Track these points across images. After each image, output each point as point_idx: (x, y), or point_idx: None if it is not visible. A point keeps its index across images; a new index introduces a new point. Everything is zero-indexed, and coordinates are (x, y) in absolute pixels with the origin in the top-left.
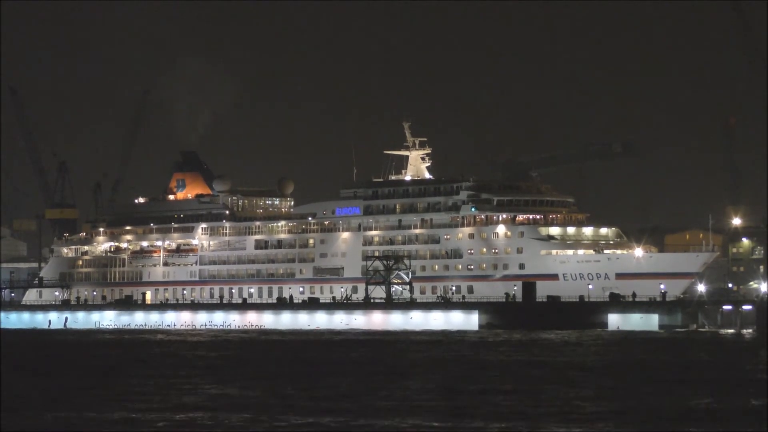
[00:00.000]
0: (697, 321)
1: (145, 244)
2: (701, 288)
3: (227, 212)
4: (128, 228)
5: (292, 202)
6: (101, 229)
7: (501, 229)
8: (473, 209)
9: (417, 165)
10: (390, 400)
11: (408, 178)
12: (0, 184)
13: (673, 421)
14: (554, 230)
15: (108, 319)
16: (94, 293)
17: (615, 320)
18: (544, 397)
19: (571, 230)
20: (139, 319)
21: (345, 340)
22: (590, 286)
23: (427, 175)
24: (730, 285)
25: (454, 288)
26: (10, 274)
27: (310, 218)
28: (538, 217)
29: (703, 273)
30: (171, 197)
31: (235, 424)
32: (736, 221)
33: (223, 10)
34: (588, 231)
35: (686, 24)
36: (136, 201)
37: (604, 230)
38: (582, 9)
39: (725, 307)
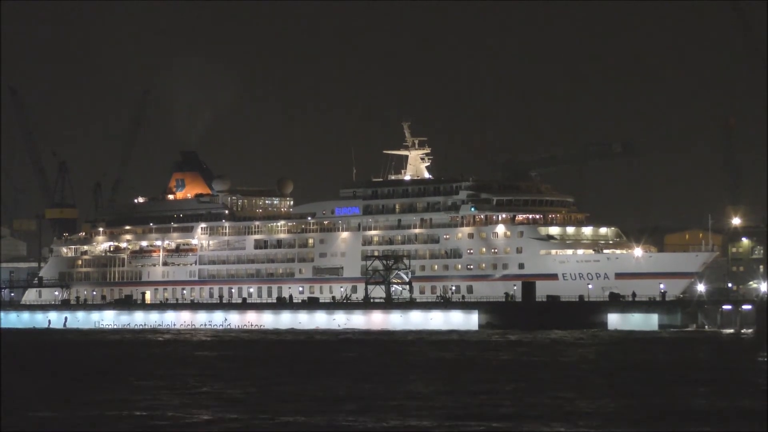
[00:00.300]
0: (696, 321)
1: (144, 243)
2: (701, 288)
3: (227, 212)
4: (128, 228)
5: (292, 202)
6: (101, 229)
7: (500, 229)
8: (473, 209)
9: (416, 165)
10: (390, 400)
11: (407, 177)
12: (0, 184)
13: (673, 421)
14: (554, 230)
15: (108, 318)
16: (94, 293)
17: (615, 320)
18: (543, 397)
19: (570, 230)
20: (138, 319)
21: (345, 339)
22: (590, 286)
23: (427, 175)
24: (729, 285)
25: (453, 288)
26: (9, 273)
27: (309, 218)
28: (537, 216)
29: (703, 273)
30: (170, 197)
31: (235, 424)
32: (736, 221)
33: (223, 10)
34: (587, 231)
35: (686, 24)
36: (136, 201)
37: (603, 230)
38: (582, 9)
39: (725, 307)
